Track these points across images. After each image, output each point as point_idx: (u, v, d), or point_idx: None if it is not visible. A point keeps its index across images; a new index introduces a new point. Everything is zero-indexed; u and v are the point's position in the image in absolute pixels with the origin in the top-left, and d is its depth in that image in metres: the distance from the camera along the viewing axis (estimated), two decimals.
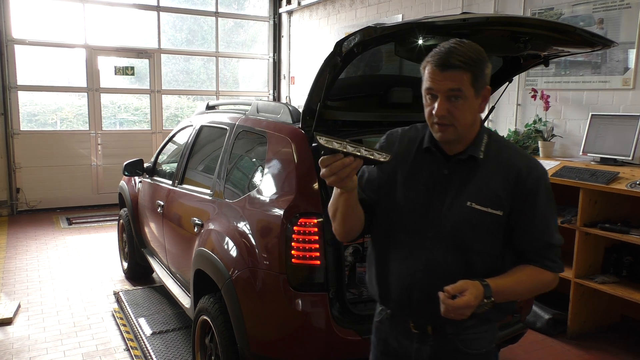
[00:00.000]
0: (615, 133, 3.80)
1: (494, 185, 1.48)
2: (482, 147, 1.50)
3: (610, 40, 2.35)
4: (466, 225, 1.48)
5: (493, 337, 1.62)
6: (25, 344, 3.62)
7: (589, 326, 3.80)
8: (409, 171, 1.56)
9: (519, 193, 1.47)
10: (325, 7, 7.83)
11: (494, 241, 1.50)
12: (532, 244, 1.50)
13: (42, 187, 7.64)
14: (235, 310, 2.44)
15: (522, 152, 1.57)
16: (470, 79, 1.40)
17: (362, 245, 3.04)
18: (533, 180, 1.48)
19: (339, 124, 2.65)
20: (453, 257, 1.49)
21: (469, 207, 1.47)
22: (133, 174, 4.36)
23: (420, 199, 1.53)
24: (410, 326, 1.58)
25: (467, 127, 1.47)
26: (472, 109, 1.44)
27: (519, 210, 1.48)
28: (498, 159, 1.51)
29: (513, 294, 1.49)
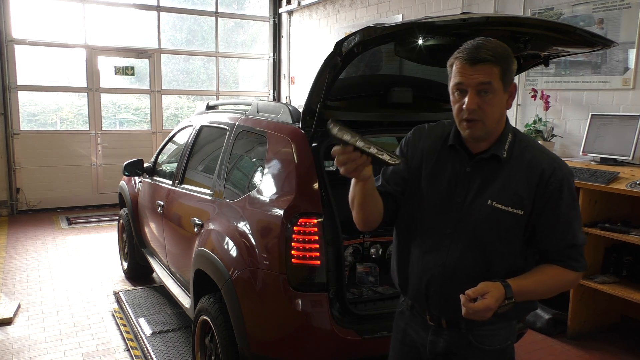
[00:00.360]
0: (615, 133, 3.80)
1: (516, 184, 1.48)
2: (505, 146, 1.50)
3: (610, 40, 2.35)
4: (486, 224, 1.49)
5: (509, 334, 1.62)
6: (25, 344, 3.62)
7: (589, 326, 3.80)
8: (432, 167, 1.58)
9: (542, 193, 1.47)
10: (325, 7, 7.83)
11: (513, 240, 1.50)
12: (556, 244, 1.50)
13: (42, 187, 7.64)
14: (235, 310, 2.44)
15: (547, 152, 1.55)
16: (499, 72, 1.41)
17: (362, 245, 3.04)
18: (556, 181, 1.47)
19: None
20: (472, 255, 1.50)
21: (490, 205, 1.48)
22: (133, 174, 4.36)
23: (442, 195, 1.55)
24: (427, 318, 1.61)
25: (495, 124, 1.47)
26: (500, 104, 1.45)
27: (542, 211, 1.48)
28: (521, 159, 1.50)
29: (534, 293, 1.49)
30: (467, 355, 1.58)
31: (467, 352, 1.58)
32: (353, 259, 2.97)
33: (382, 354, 2.36)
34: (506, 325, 1.60)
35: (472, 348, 1.57)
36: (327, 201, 2.33)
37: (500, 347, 1.59)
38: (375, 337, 2.32)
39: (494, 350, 1.58)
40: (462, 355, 1.59)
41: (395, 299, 2.59)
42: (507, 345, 1.62)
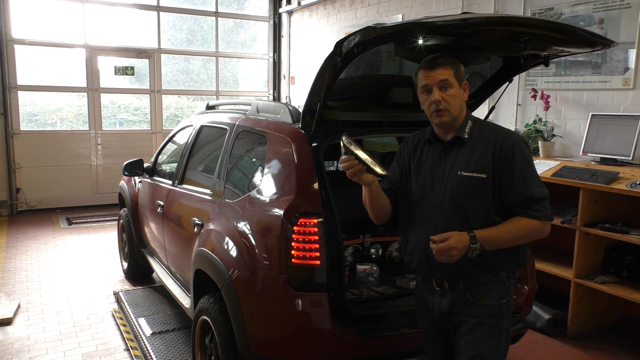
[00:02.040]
0: (615, 133, 3.80)
1: (478, 156, 1.87)
2: (466, 130, 1.92)
3: (610, 40, 2.35)
4: (459, 189, 1.87)
5: (503, 293, 1.90)
6: (25, 344, 3.62)
7: (589, 326, 3.80)
8: (417, 161, 2.02)
9: (497, 158, 1.84)
10: (325, 7, 7.83)
11: (483, 199, 1.86)
12: (515, 198, 1.84)
13: (42, 187, 7.64)
14: (235, 310, 2.44)
15: (501, 128, 1.96)
16: (452, 72, 1.88)
17: (362, 245, 3.04)
18: (507, 147, 1.85)
19: (339, 124, 2.65)
20: (454, 218, 1.87)
21: (460, 175, 1.88)
22: (133, 174, 4.36)
23: (427, 178, 1.96)
24: (433, 285, 1.96)
25: (457, 111, 1.90)
26: (458, 96, 1.90)
27: (500, 173, 1.84)
28: (480, 137, 1.90)
29: (501, 239, 1.83)
30: (467, 310, 1.90)
31: (466, 308, 1.90)
32: (353, 259, 2.97)
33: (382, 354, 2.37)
34: (499, 284, 1.90)
35: (469, 304, 1.90)
36: (327, 201, 2.33)
37: (495, 303, 1.89)
38: (375, 337, 2.32)
39: (488, 305, 1.89)
40: (462, 312, 1.91)
41: (395, 299, 2.60)
42: (501, 304, 1.90)
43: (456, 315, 1.92)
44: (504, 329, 1.92)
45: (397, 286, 2.71)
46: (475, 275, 1.89)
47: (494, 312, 1.89)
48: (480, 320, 1.89)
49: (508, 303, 1.93)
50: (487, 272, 1.89)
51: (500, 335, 1.91)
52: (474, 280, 1.89)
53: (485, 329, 1.88)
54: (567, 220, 3.68)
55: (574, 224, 3.64)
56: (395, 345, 2.40)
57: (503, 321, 1.91)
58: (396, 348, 2.40)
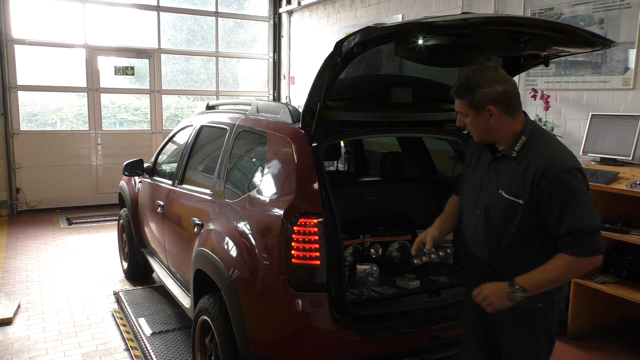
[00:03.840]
0: (615, 133, 3.80)
1: (518, 178, 1.84)
2: (516, 148, 1.88)
3: (610, 40, 2.35)
4: (495, 207, 1.90)
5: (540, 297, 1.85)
6: (25, 344, 3.62)
7: (589, 326, 3.80)
8: (474, 165, 2.08)
9: (536, 189, 1.79)
10: (325, 7, 7.83)
11: (514, 223, 1.85)
12: (556, 231, 1.78)
13: (42, 187, 7.64)
14: (235, 310, 2.44)
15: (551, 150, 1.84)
16: (465, 103, 1.89)
17: (362, 245, 3.05)
18: (547, 179, 1.77)
19: (339, 124, 2.65)
20: (486, 230, 1.94)
21: (499, 194, 1.89)
22: (133, 174, 4.36)
23: (476, 185, 2.02)
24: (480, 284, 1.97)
25: (484, 134, 1.94)
26: (478, 123, 1.91)
27: (539, 203, 1.79)
28: (526, 157, 1.85)
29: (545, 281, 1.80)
30: (503, 311, 1.88)
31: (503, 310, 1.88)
32: (353, 259, 2.97)
33: (382, 354, 2.37)
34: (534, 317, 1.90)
35: None
36: (327, 201, 2.33)
37: (529, 307, 1.87)
38: (375, 337, 2.32)
39: (522, 309, 1.86)
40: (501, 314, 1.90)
41: (395, 298, 2.60)
42: (537, 308, 1.89)
43: (494, 316, 1.95)
44: (542, 330, 1.91)
45: (397, 286, 2.71)
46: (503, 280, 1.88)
47: (528, 315, 1.89)
48: (514, 323, 1.92)
49: (545, 307, 1.90)
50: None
51: (536, 338, 1.91)
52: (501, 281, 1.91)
53: (519, 331, 1.92)
54: None
55: None
56: (395, 345, 2.40)
57: (540, 324, 1.91)
58: (396, 348, 2.40)
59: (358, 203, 3.20)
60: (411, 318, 2.47)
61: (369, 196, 3.24)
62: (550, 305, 1.91)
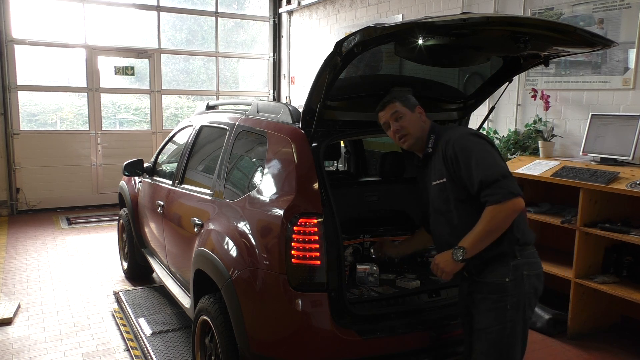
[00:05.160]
0: (615, 133, 3.80)
1: (437, 164, 2.19)
2: (429, 145, 2.24)
3: (610, 40, 2.35)
4: (435, 197, 2.22)
5: (506, 272, 2.06)
6: (25, 344, 3.62)
7: (589, 326, 3.80)
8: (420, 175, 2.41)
9: (447, 161, 2.12)
10: (325, 7, 7.83)
11: (448, 199, 2.16)
12: (472, 189, 2.04)
13: (42, 187, 7.64)
14: (235, 310, 2.44)
15: (449, 131, 2.20)
16: (400, 104, 2.26)
17: (362, 245, 3.04)
18: (448, 147, 2.11)
19: (339, 124, 2.65)
20: (440, 221, 2.23)
21: (432, 185, 2.23)
22: (133, 174, 4.36)
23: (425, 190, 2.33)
24: (463, 274, 2.19)
25: (419, 132, 2.25)
26: (413, 120, 2.26)
27: (453, 172, 2.10)
28: (439, 147, 2.18)
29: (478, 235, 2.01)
30: (475, 288, 2.14)
31: (475, 287, 2.15)
32: (353, 259, 2.97)
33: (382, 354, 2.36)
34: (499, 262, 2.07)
35: (477, 283, 2.14)
36: (327, 201, 2.33)
37: (496, 280, 2.07)
38: (375, 337, 2.32)
39: (491, 283, 2.08)
40: (474, 290, 2.15)
41: (395, 298, 2.60)
42: (504, 282, 2.06)
43: (471, 295, 2.17)
44: (509, 304, 2.05)
45: (397, 286, 2.71)
46: (481, 262, 2.10)
47: (497, 289, 2.07)
48: (483, 296, 2.10)
49: (514, 282, 2.06)
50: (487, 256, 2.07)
51: (504, 311, 2.05)
52: (482, 265, 2.11)
53: (488, 304, 2.09)
54: (567, 220, 3.68)
55: (574, 224, 3.64)
56: (395, 346, 2.40)
57: (507, 298, 2.05)
58: (396, 348, 2.40)
59: (358, 203, 3.20)
60: (411, 318, 2.46)
61: (369, 196, 3.24)
62: (520, 281, 2.06)
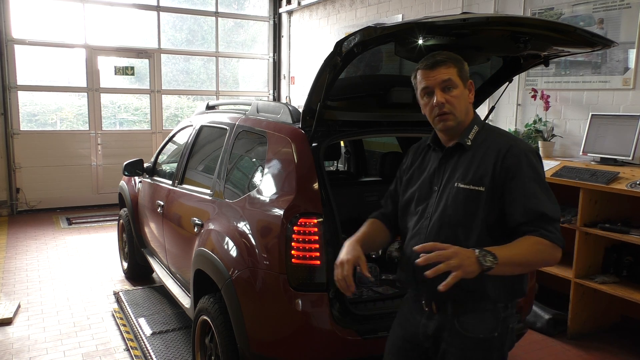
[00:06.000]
0: (615, 133, 3.80)
1: (477, 165, 1.67)
2: (470, 135, 1.72)
3: (610, 40, 2.35)
4: (453, 203, 1.67)
5: (495, 325, 1.66)
6: (25, 344, 3.62)
7: (589, 326, 3.80)
8: (416, 170, 1.86)
9: (499, 169, 1.63)
10: (325, 7, 7.83)
11: (475, 215, 1.64)
12: (524, 216, 1.58)
13: (42, 187, 7.64)
14: (235, 310, 2.44)
15: (507, 135, 1.75)
16: (456, 71, 1.68)
17: None
18: (512, 156, 1.63)
19: (339, 124, 2.65)
20: (444, 233, 1.66)
21: (456, 187, 1.68)
22: (133, 174, 4.36)
23: (424, 189, 1.78)
24: (422, 304, 1.76)
25: (463, 115, 1.71)
26: (463, 97, 1.70)
27: (503, 187, 1.62)
28: (484, 144, 1.70)
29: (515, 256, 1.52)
30: (452, 340, 1.68)
31: (451, 337, 1.68)
32: None
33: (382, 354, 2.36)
34: (492, 313, 1.65)
35: (455, 333, 1.67)
36: (327, 201, 2.33)
37: (484, 336, 1.65)
38: (375, 337, 2.32)
39: (476, 338, 1.65)
40: (447, 340, 1.69)
41: (395, 299, 2.60)
42: (492, 337, 1.65)
43: (440, 342, 1.70)
44: None
45: (397, 286, 2.71)
46: (465, 300, 1.64)
47: (482, 345, 1.65)
48: (463, 354, 1.66)
49: (502, 336, 1.67)
50: (480, 299, 1.64)
51: None
52: (464, 306, 1.65)
53: None
54: (567, 220, 3.68)
55: (574, 224, 3.64)
56: None
57: (494, 354, 1.67)
58: None
59: (358, 203, 3.20)
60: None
61: (369, 196, 3.24)
62: (506, 334, 1.69)
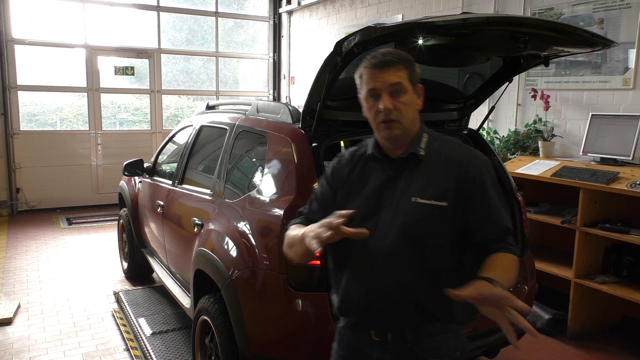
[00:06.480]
0: (615, 133, 3.80)
1: (438, 178, 1.51)
2: (422, 144, 1.55)
3: (610, 40, 2.35)
4: (413, 220, 1.49)
5: (457, 345, 1.57)
6: (25, 344, 3.62)
7: (589, 326, 3.80)
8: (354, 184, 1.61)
9: (463, 183, 1.50)
10: (325, 7, 7.83)
11: (441, 233, 1.49)
12: (492, 232, 1.49)
13: (42, 187, 7.64)
14: (235, 310, 2.44)
15: (462, 145, 1.62)
16: (407, 74, 1.50)
17: None
18: (475, 169, 1.52)
19: (339, 124, 2.65)
20: (404, 255, 1.49)
21: (414, 202, 1.50)
22: (133, 174, 4.36)
23: (370, 206, 1.55)
24: (371, 334, 1.56)
25: (410, 123, 1.53)
26: (412, 103, 1.53)
27: (471, 202, 1.50)
28: (439, 154, 1.55)
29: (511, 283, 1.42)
30: None
31: None
32: None
33: None
34: (453, 334, 1.55)
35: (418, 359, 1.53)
36: None
37: (449, 358, 1.55)
38: None
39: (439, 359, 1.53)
40: None
41: None
42: (456, 357, 1.56)
43: None
44: None
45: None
46: (423, 324, 1.52)
47: None
48: None
49: (463, 354, 1.59)
50: (437, 320, 1.52)
51: None
52: (423, 330, 1.51)
53: None
54: (567, 220, 3.68)
55: (574, 224, 3.64)
56: None
57: None
58: None
59: None
60: None
61: None
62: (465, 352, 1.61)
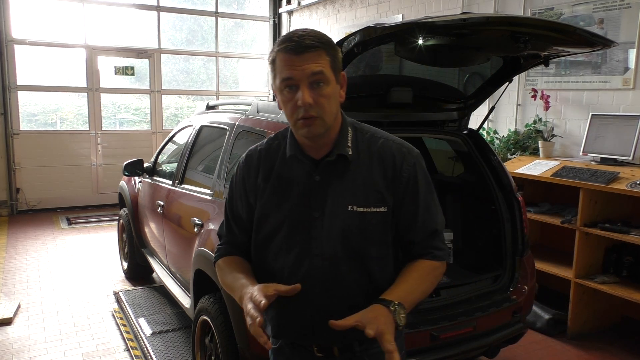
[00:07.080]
0: (615, 133, 3.80)
1: (372, 181, 1.35)
2: (348, 143, 1.36)
3: (610, 40, 2.36)
4: (353, 231, 1.33)
5: (401, 346, 1.46)
6: (25, 344, 3.62)
7: (589, 326, 3.80)
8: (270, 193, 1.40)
9: (398, 183, 1.36)
10: (325, 7, 7.84)
11: (384, 241, 1.37)
12: (418, 234, 1.38)
13: (42, 187, 7.64)
14: (235, 310, 2.44)
15: (392, 138, 1.42)
16: (329, 61, 1.28)
17: None
18: (409, 167, 1.37)
19: None
20: (347, 269, 1.35)
21: (351, 211, 1.33)
22: (133, 174, 4.36)
23: (294, 216, 1.36)
24: (314, 350, 1.44)
25: (333, 118, 1.32)
26: (335, 96, 1.32)
27: (402, 201, 1.36)
28: (370, 152, 1.38)
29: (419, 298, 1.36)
30: None
31: None
32: None
33: None
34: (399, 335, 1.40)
35: None
36: None
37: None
38: None
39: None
40: None
41: None
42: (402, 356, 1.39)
43: None
44: None
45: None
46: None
47: None
48: None
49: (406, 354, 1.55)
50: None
51: None
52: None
53: None
54: (567, 220, 3.68)
55: (574, 224, 3.64)
56: None
57: None
58: None
59: None
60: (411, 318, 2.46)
61: None
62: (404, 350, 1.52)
